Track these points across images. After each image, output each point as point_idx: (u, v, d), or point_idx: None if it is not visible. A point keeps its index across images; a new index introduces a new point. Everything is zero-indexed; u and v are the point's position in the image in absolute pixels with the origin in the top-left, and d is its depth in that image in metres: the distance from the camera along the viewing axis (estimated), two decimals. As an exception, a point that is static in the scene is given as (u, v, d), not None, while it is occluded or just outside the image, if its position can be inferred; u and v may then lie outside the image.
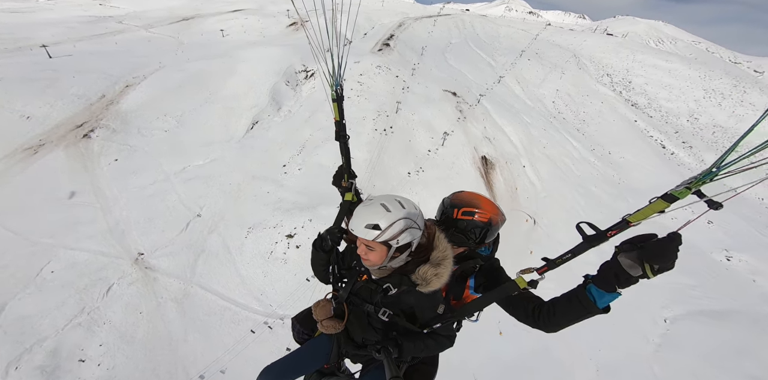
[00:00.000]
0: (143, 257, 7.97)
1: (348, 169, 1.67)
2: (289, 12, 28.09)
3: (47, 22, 21.80)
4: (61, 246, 7.74)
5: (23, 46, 15.90)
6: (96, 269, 7.56)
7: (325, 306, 1.44)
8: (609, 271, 1.10)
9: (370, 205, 1.24)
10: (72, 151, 9.56)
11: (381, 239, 1.19)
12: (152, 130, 10.70)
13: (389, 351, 1.32)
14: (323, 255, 1.52)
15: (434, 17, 32.34)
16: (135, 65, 14.20)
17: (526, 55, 29.24)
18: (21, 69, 12.52)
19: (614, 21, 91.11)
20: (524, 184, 15.42)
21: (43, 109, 10.61)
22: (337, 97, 1.55)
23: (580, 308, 1.20)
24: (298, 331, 1.75)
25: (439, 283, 1.31)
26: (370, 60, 17.46)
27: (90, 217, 8.32)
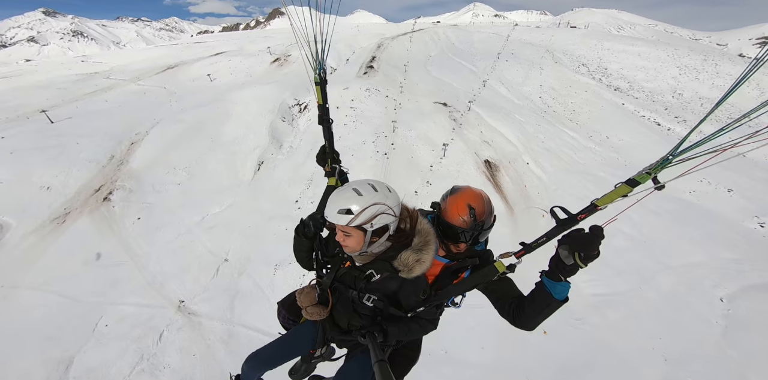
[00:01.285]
0: (184, 304, 8.65)
1: (331, 154, 1.67)
2: (270, 49, 29.83)
3: (37, 85, 23.07)
4: (108, 303, 8.49)
5: (22, 113, 16.95)
6: (145, 319, 8.27)
7: (310, 293, 1.47)
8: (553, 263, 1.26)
9: (342, 191, 1.27)
10: (96, 216, 10.32)
11: (354, 223, 1.22)
12: (165, 185, 11.53)
13: (374, 335, 1.35)
14: (306, 242, 1.53)
15: (409, 34, 34.39)
16: (134, 121, 15.22)
17: (503, 57, 31.07)
18: (28, 138, 13.46)
19: (573, 14, 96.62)
20: (532, 181, 16.22)
21: (59, 177, 11.44)
22: (320, 81, 1.55)
23: (542, 301, 1.32)
24: (283, 317, 1.79)
25: (421, 269, 1.34)
26: (358, 84, 18.75)
27: (127, 275, 9.02)
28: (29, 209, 10.64)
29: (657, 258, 11.67)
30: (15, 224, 10.47)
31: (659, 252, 11.98)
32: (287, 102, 17.13)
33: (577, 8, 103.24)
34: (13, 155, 12.47)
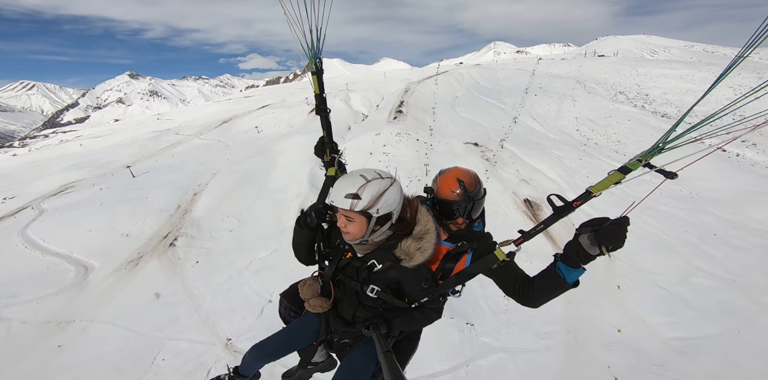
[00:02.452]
0: (231, 342, 9.37)
1: (330, 143, 1.77)
2: (307, 99, 34.41)
3: (123, 143, 28.61)
4: (167, 338, 9.46)
5: (112, 169, 21.09)
6: (196, 355, 9.01)
7: (312, 285, 1.51)
8: (572, 250, 1.28)
9: (349, 176, 1.32)
10: (163, 260, 12.13)
11: (359, 208, 1.26)
12: (220, 232, 13.32)
13: (378, 327, 1.38)
14: (308, 233, 1.56)
15: (434, 77, 37.40)
16: (197, 174, 18.13)
17: (531, 92, 32.08)
18: (116, 191, 16.63)
19: (598, 43, 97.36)
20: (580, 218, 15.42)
21: (137, 226, 13.81)
22: (316, 70, 1.61)
23: (552, 284, 1.37)
24: (285, 307, 1.83)
25: (423, 257, 1.38)
26: (389, 129, 20.65)
27: (186, 312, 10.20)
28: (111, 253, 12.81)
29: (756, 299, 10.49)
30: (99, 266, 12.59)
31: (758, 290, 10.78)
32: (325, 150, 19.27)
33: (601, 37, 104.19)
34: (102, 206, 15.39)
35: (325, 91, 1.73)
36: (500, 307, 10.39)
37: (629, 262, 12.42)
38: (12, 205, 18.50)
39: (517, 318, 10.11)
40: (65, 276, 12.04)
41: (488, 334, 9.54)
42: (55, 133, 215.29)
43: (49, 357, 9.06)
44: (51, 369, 8.71)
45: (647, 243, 13.24)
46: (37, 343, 9.59)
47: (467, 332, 9.53)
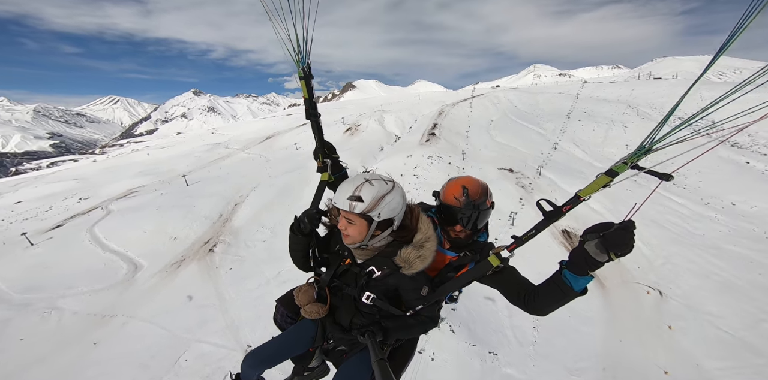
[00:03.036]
0: (251, 349, 9.63)
1: (322, 149, 1.74)
2: (343, 119, 36.36)
3: (182, 154, 32.10)
4: (194, 340, 9.84)
5: (170, 177, 23.65)
6: (217, 359, 9.22)
7: (308, 292, 1.52)
8: (579, 257, 1.24)
9: (353, 180, 1.33)
10: (202, 264, 13.07)
11: (359, 210, 1.27)
12: (254, 242, 14.14)
13: (374, 334, 1.38)
14: (302, 239, 1.56)
15: (469, 99, 37.67)
16: (240, 185, 19.69)
17: (574, 117, 30.73)
18: (171, 198, 18.53)
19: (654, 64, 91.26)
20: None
21: (184, 230, 15.14)
22: (304, 75, 1.57)
23: (559, 292, 1.35)
24: (281, 314, 1.83)
25: (422, 265, 1.38)
26: (420, 152, 20.97)
27: (214, 316, 10.69)
28: (159, 254, 14.08)
29: None
30: (146, 265, 13.84)
31: None
32: (357, 169, 20.06)
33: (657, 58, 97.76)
34: (158, 211, 17.14)
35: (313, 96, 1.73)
36: (528, 338, 9.77)
37: (685, 303, 11.23)
38: (86, 205, 21.34)
39: (547, 351, 9.36)
40: (118, 273, 13.39)
41: (512, 366, 8.90)
42: (129, 142, 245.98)
43: (88, 350, 9.79)
44: (87, 361, 9.33)
45: (710, 285, 11.87)
46: (82, 335, 10.41)
47: (489, 361, 8.94)
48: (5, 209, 23.10)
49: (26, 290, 12.24)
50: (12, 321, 10.70)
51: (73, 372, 8.92)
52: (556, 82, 59.66)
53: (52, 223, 18.76)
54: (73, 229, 17.05)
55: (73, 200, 23.13)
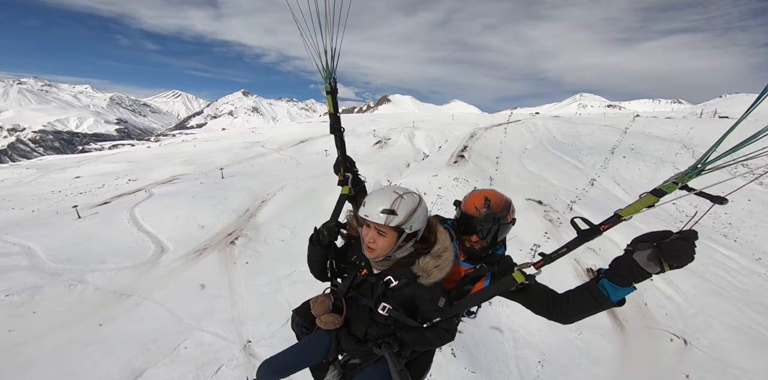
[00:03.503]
0: (250, 344, 9.58)
1: (344, 162, 1.81)
2: (375, 131, 37.21)
3: (223, 149, 34.38)
4: (198, 328, 10.04)
5: (209, 169, 25.30)
6: (215, 350, 9.31)
7: (324, 302, 1.51)
8: (624, 268, 1.14)
9: (384, 192, 1.33)
10: (222, 254, 13.59)
11: (395, 223, 1.28)
12: (274, 240, 14.54)
13: (390, 345, 1.36)
14: (321, 250, 1.59)
15: (504, 125, 37.08)
16: (269, 184, 20.56)
17: (619, 152, 28.94)
18: (206, 188, 19.71)
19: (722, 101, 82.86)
20: (658, 300, 13.44)
21: (212, 220, 15.93)
22: (331, 90, 1.62)
23: (593, 302, 1.26)
24: (297, 323, 1.79)
25: (440, 275, 1.37)
26: (447, 173, 20.81)
27: (222, 307, 10.93)
28: (185, 240, 14.84)
29: None
30: (172, 249, 14.60)
31: None
32: (381, 182, 20.26)
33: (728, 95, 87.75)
34: (193, 198, 18.24)
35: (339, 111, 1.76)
36: (531, 372, 9.36)
37: (712, 354, 10.62)
38: (133, 186, 23.26)
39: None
40: (145, 253, 14.22)
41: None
42: (180, 133, 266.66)
43: (99, 323, 10.17)
44: (92, 337, 9.63)
45: (744, 338, 11.16)
46: (96, 310, 10.82)
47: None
48: (65, 182, 25.72)
49: (62, 261, 13.19)
50: (42, 289, 11.44)
51: (76, 346, 9.23)
52: (603, 114, 56.12)
53: (101, 200, 20.59)
54: (117, 207, 18.54)
55: (123, 180, 25.30)
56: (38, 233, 15.19)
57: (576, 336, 11.16)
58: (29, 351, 9.01)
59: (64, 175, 28.49)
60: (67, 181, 26.22)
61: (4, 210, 18.59)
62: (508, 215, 1.72)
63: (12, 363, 8.54)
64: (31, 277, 11.89)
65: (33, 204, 19.85)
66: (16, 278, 11.76)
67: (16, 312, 10.37)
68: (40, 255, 13.54)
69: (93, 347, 9.22)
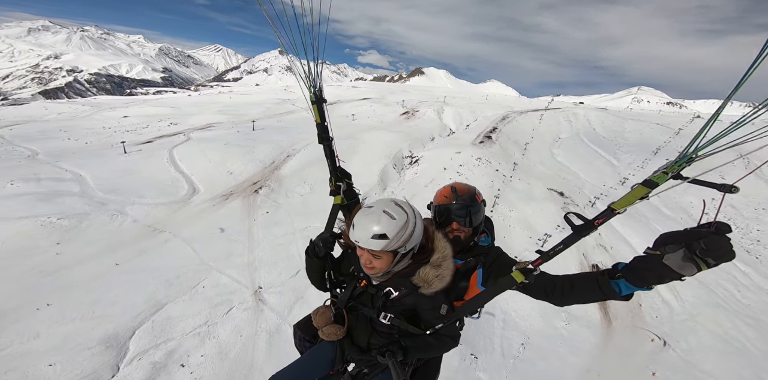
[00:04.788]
0: (261, 290, 10.20)
1: (335, 172, 1.76)
2: (404, 102, 35.44)
3: (256, 103, 34.32)
4: (216, 269, 10.66)
5: (242, 120, 25.52)
6: (228, 292, 9.85)
7: (325, 313, 1.46)
8: (651, 273, 1.04)
9: (372, 214, 1.24)
10: (245, 201, 14.12)
11: (389, 248, 1.22)
12: (294, 193, 14.85)
13: (394, 354, 1.32)
14: (317, 262, 1.54)
15: (541, 111, 34.21)
16: (296, 140, 20.56)
17: (662, 154, 26.17)
18: (238, 137, 20.04)
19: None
20: (654, 303, 13.23)
21: (240, 168, 16.36)
22: (316, 100, 1.58)
23: (600, 295, 1.21)
24: (299, 338, 1.77)
25: (441, 284, 1.33)
26: (470, 151, 19.86)
27: (240, 252, 11.59)
28: (215, 184, 15.46)
29: None
30: (203, 191, 15.31)
31: None
32: (403, 152, 19.71)
33: None
34: (225, 146, 18.66)
35: (327, 120, 1.68)
36: (513, 352, 9.72)
37: (685, 357, 10.73)
38: (173, 129, 24.05)
39: (526, 368, 9.23)
40: (179, 192, 15.01)
41: (487, 372, 8.88)
42: (218, 85, 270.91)
43: (131, 256, 10.76)
44: (128, 265, 10.18)
45: (723, 347, 11.14)
46: (132, 242, 11.36)
47: (468, 362, 8.92)
48: (114, 120, 26.99)
49: (108, 191, 14.04)
50: (89, 216, 12.19)
51: (111, 275, 9.83)
52: (658, 111, 48.81)
53: (144, 138, 21.54)
54: (158, 147, 19.38)
55: (166, 123, 26.18)
56: (89, 163, 16.17)
57: (563, 326, 11.19)
58: (72, 275, 9.65)
59: (114, 113, 29.80)
60: (116, 119, 27.46)
61: (60, 140, 19.89)
62: (476, 196, 1.74)
63: (55, 285, 9.22)
64: (81, 204, 12.75)
65: (86, 137, 21.07)
66: (67, 203, 12.61)
67: (64, 237, 11.09)
68: (90, 183, 14.48)
69: (125, 277, 9.76)
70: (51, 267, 9.76)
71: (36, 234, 10.93)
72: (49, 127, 22.45)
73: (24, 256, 10.07)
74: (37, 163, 15.82)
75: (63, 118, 27.06)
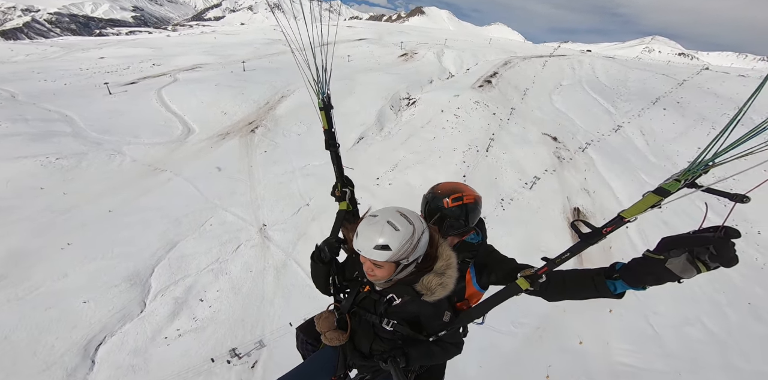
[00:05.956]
0: (265, 228, 10.46)
1: (341, 178, 1.66)
2: (402, 44, 31.92)
3: (243, 43, 30.64)
4: (221, 207, 10.69)
5: (230, 61, 23.10)
6: (235, 229, 9.99)
7: (328, 318, 1.41)
8: (651, 276, 1.02)
9: (375, 224, 1.19)
10: (243, 141, 13.69)
11: (392, 260, 1.17)
12: (290, 133, 14.34)
13: (396, 360, 1.29)
14: (322, 267, 1.49)
15: (545, 57, 31.47)
16: (290, 81, 19.01)
17: (661, 104, 25.09)
18: (228, 78, 18.41)
19: None
20: (622, 245, 14.09)
21: (234, 108, 15.43)
22: (324, 106, 1.53)
23: (594, 293, 1.18)
24: (302, 341, 1.71)
25: (445, 292, 1.28)
26: (469, 95, 18.77)
27: (242, 190, 11.64)
28: (210, 124, 14.76)
29: (728, 359, 9.90)
30: (198, 131, 14.70)
31: (737, 354, 10.10)
32: (400, 93, 18.53)
33: None
34: (216, 87, 17.29)
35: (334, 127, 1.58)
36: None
37: (642, 299, 11.53)
38: (157, 70, 21.81)
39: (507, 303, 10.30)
40: (174, 132, 14.37)
41: None
42: (198, 25, 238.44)
43: (137, 195, 10.64)
44: (135, 204, 10.15)
45: (676, 290, 11.72)
46: (135, 181, 11.13)
47: None
48: (90, 61, 24.34)
49: (101, 131, 13.38)
50: (87, 155, 11.81)
51: (120, 215, 9.78)
52: (668, 62, 45.22)
53: (128, 79, 19.66)
54: (144, 88, 17.86)
55: (148, 64, 23.68)
56: (74, 103, 15.01)
57: None
58: (82, 215, 9.57)
59: (88, 54, 26.83)
60: (93, 61, 24.86)
61: (36, 81, 18.07)
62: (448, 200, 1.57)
63: (68, 225, 9.17)
64: (76, 144, 12.24)
65: (64, 78, 19.19)
66: (62, 143, 12.11)
67: (67, 176, 10.85)
68: (79, 123, 13.72)
69: (134, 216, 9.71)
70: (62, 207, 9.72)
71: (39, 174, 10.73)
72: (20, 69, 20.25)
73: (33, 196, 10.01)
74: (19, 104, 14.67)
75: (33, 60, 24.29)
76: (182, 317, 8.01)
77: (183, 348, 7.52)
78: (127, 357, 7.18)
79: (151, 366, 7.16)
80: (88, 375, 6.85)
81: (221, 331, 7.90)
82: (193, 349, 7.55)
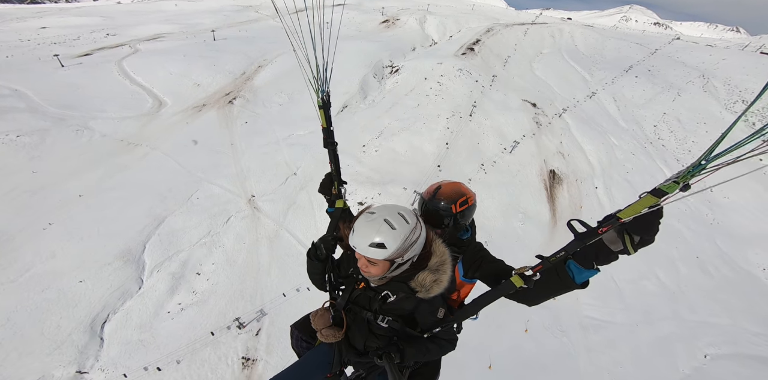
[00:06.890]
0: (254, 199, 10.18)
1: (338, 176, 1.62)
2: (384, 10, 29.74)
3: (210, 10, 27.51)
4: (206, 180, 10.25)
5: (197, 30, 20.77)
6: (224, 202, 9.68)
7: (324, 315, 1.40)
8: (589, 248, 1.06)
9: (373, 221, 1.17)
10: (221, 113, 12.76)
11: (385, 257, 1.15)
12: (271, 103, 13.48)
13: (391, 356, 1.27)
14: (318, 264, 1.48)
15: (527, 25, 30.50)
16: (265, 50, 17.50)
17: (633, 72, 25.43)
18: (197, 48, 16.67)
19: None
20: (592, 205, 14.89)
21: (207, 79, 14.18)
22: (323, 104, 1.49)
23: (558, 283, 1.18)
24: (297, 338, 1.68)
25: (439, 289, 1.26)
26: (452, 62, 18.08)
27: (226, 163, 11.08)
28: (182, 96, 13.58)
29: (677, 310, 10.83)
30: (170, 103, 13.54)
31: (685, 306, 11.01)
32: (383, 61, 17.58)
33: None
34: (185, 58, 15.69)
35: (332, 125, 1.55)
36: None
37: None
38: (113, 41, 19.36)
39: None
40: (143, 105, 13.14)
41: None
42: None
43: (113, 171, 9.90)
44: (111, 182, 9.46)
45: None
46: (109, 157, 10.39)
47: None
48: (31, 31, 21.32)
49: (61, 106, 12.03)
50: (50, 132, 10.74)
51: (99, 192, 9.15)
52: (642, 31, 45.68)
53: (80, 51, 17.41)
54: (101, 60, 15.94)
55: (101, 34, 20.96)
56: (21, 77, 13.29)
57: (520, 226, 12.23)
58: (58, 193, 8.94)
59: (27, 24, 23.41)
60: (33, 31, 21.77)
61: (-32, 53, 15.69)
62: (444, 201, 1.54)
63: (47, 204, 8.57)
64: (35, 120, 11.03)
65: (2, 50, 16.76)
66: (18, 119, 10.89)
67: (33, 154, 9.98)
68: (33, 98, 12.23)
69: (114, 193, 9.14)
70: (34, 186, 9.05)
71: (1, 153, 9.78)
72: (-55, 39, 17.44)
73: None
74: (-44, 79, 12.83)
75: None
76: (181, 291, 7.94)
77: (187, 321, 7.54)
78: (134, 333, 7.18)
79: (160, 341, 7.20)
80: (99, 351, 6.83)
81: (222, 303, 7.91)
82: (197, 321, 7.58)
